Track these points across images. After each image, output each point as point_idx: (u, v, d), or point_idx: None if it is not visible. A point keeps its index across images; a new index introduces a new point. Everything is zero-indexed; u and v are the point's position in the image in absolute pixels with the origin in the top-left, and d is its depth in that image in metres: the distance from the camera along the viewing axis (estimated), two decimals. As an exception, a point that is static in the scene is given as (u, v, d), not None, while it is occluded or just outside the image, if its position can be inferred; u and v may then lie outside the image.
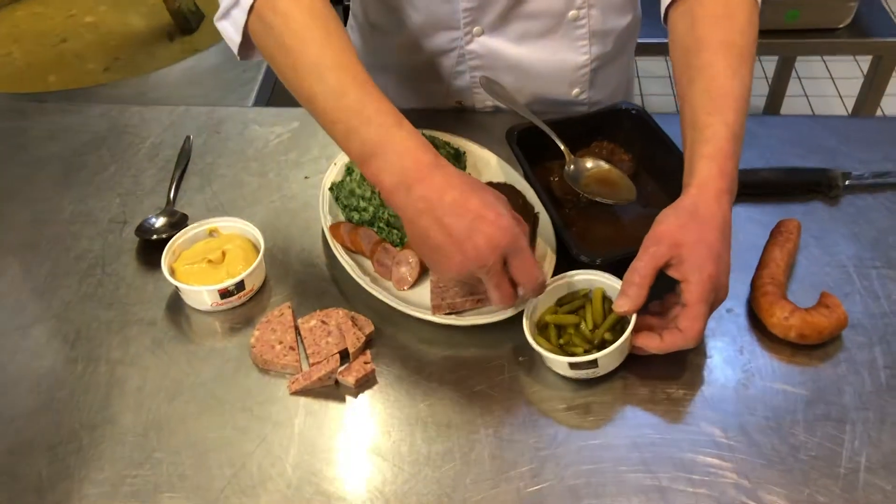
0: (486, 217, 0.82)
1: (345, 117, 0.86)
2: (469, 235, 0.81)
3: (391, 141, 0.84)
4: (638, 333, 0.85)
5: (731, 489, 0.79)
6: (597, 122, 1.12)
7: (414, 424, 0.86)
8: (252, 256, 0.99)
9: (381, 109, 0.86)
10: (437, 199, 0.82)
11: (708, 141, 0.87)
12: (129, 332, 0.96)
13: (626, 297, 0.84)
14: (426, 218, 0.82)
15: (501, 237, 0.82)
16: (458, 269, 0.83)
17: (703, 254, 0.82)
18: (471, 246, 0.81)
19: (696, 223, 0.84)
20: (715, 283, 0.82)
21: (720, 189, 0.85)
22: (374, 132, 0.84)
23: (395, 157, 0.84)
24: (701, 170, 0.86)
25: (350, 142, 0.86)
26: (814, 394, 0.87)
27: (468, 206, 0.82)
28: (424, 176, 0.83)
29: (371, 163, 0.85)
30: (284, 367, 0.90)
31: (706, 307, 0.82)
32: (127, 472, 0.83)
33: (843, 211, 1.07)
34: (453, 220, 0.81)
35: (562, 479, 0.81)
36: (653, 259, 0.84)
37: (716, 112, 0.88)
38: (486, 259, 0.81)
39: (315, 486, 0.81)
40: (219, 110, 1.29)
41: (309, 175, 1.16)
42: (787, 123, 1.22)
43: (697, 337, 0.82)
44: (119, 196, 1.14)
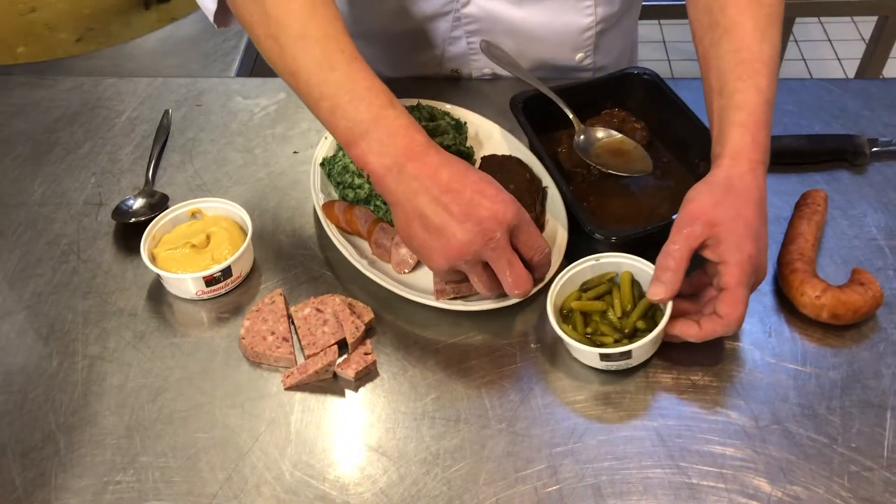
0: (486, 191, 0.77)
1: (331, 94, 0.80)
2: (471, 210, 0.76)
3: (382, 121, 0.78)
4: (673, 321, 0.79)
5: (766, 484, 0.73)
6: (607, 88, 1.05)
7: (420, 420, 0.79)
8: (239, 240, 0.92)
9: (372, 87, 0.80)
10: (433, 177, 0.77)
11: (739, 108, 0.80)
12: (107, 325, 0.89)
13: (660, 284, 0.78)
14: (421, 198, 0.76)
15: (506, 209, 0.77)
16: (460, 250, 0.76)
17: (742, 232, 0.76)
18: (474, 221, 0.75)
19: (731, 199, 0.77)
20: (755, 263, 0.76)
21: (755, 160, 0.79)
22: (363, 111, 0.79)
23: (386, 138, 0.78)
24: (733, 139, 0.80)
25: (336, 120, 0.80)
26: (850, 378, 0.81)
27: (466, 181, 0.77)
28: (417, 155, 0.77)
29: (359, 144, 0.79)
30: (277, 360, 0.83)
31: (747, 290, 0.76)
32: (109, 478, 0.76)
33: (870, 180, 1.01)
34: (452, 197, 0.76)
35: (582, 478, 0.75)
36: (688, 241, 0.77)
37: (746, 76, 0.81)
38: (493, 232, 0.76)
39: (314, 490, 0.75)
40: (199, 82, 1.21)
41: (298, 150, 1.08)
42: (807, 87, 1.15)
43: (739, 323, 0.76)
44: (94, 176, 1.07)
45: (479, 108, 1.07)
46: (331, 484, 0.75)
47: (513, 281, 0.79)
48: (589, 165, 0.97)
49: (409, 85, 1.17)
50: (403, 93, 1.06)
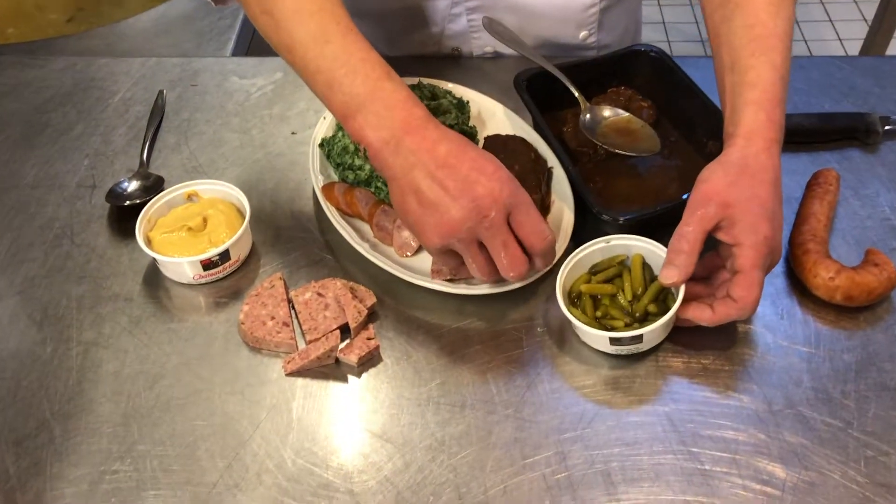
0: (485, 168, 0.75)
1: (327, 67, 0.77)
2: (467, 187, 0.74)
3: (379, 94, 0.76)
4: (686, 305, 0.77)
5: (780, 470, 0.72)
6: (613, 65, 1.02)
7: (425, 406, 0.77)
8: (237, 223, 0.89)
9: (368, 59, 0.78)
10: (430, 151, 0.74)
11: (753, 85, 0.78)
12: (102, 310, 0.86)
13: (673, 267, 0.75)
14: (417, 172, 0.74)
15: (503, 188, 0.74)
16: (453, 228, 0.74)
17: (757, 213, 0.74)
18: (469, 198, 0.73)
19: (746, 179, 0.75)
20: (770, 245, 0.74)
21: (769, 139, 0.77)
22: (360, 84, 0.76)
23: (383, 111, 0.76)
24: (747, 117, 0.77)
25: (333, 94, 0.78)
26: (864, 361, 0.79)
27: (464, 157, 0.75)
28: (415, 129, 0.75)
29: (356, 118, 0.77)
30: (278, 346, 0.81)
31: (762, 273, 0.74)
32: (106, 467, 0.74)
33: (882, 158, 0.99)
34: (448, 172, 0.74)
35: (592, 464, 0.73)
36: (702, 223, 0.75)
37: (760, 52, 0.79)
38: (488, 210, 0.74)
39: (317, 478, 0.73)
40: (194, 61, 1.18)
41: (296, 130, 1.06)
42: (816, 64, 1.12)
43: (754, 306, 0.74)
44: (87, 158, 1.04)
45: (481, 86, 1.05)
46: (334, 472, 0.73)
47: (508, 263, 0.76)
48: (595, 145, 0.95)
49: (409, 64, 1.14)
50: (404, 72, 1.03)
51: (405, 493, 0.71)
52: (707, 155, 0.94)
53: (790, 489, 0.70)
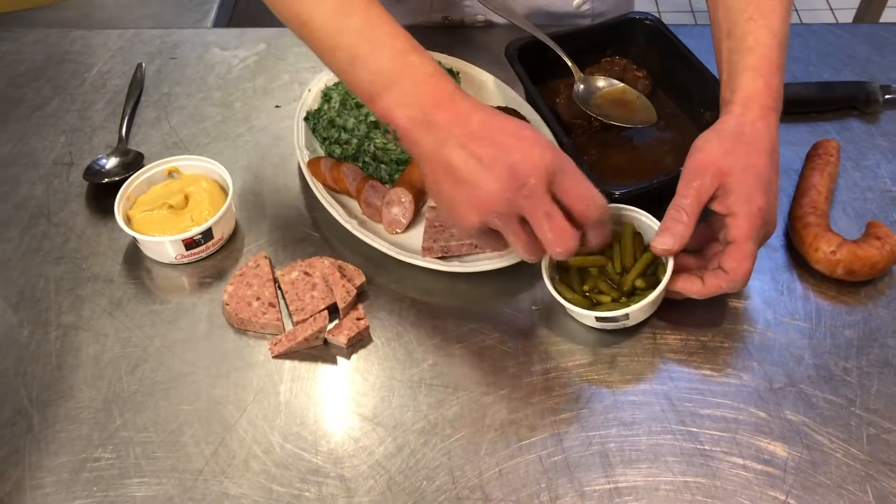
0: (522, 134, 0.69)
1: (349, 43, 0.71)
2: (501, 154, 0.67)
3: (407, 69, 0.70)
4: (676, 277, 0.74)
5: (781, 450, 0.70)
6: (607, 34, 0.99)
7: (416, 388, 0.75)
8: (220, 200, 0.86)
9: (393, 33, 0.72)
10: (462, 124, 0.68)
11: (751, 50, 0.75)
12: (81, 292, 0.83)
13: (669, 235, 0.73)
14: (449, 146, 0.68)
15: (543, 152, 0.67)
16: (490, 201, 0.67)
17: (752, 183, 0.71)
18: (504, 165, 0.66)
19: (742, 148, 0.72)
20: (765, 216, 0.72)
21: (767, 106, 0.74)
22: (385, 60, 0.71)
23: (412, 88, 0.70)
24: (744, 84, 0.75)
25: (356, 72, 0.72)
26: (866, 337, 0.77)
27: (498, 125, 0.69)
28: (446, 104, 0.69)
29: (383, 97, 0.71)
30: (264, 327, 0.79)
31: (755, 245, 0.72)
32: (87, 454, 0.71)
33: (882, 128, 0.96)
34: (481, 142, 0.67)
35: (589, 445, 0.71)
36: (698, 193, 0.72)
37: (758, 16, 0.76)
38: (526, 177, 0.66)
39: (306, 463, 0.71)
40: (174, 33, 1.14)
41: (280, 104, 1.02)
42: (813, 32, 1.09)
43: (745, 278, 0.72)
44: (64, 134, 1.00)
45: (471, 56, 1.02)
46: (324, 457, 0.71)
47: (553, 236, 0.68)
48: (589, 117, 0.92)
49: (396, 34, 1.11)
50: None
51: (397, 477, 0.69)
52: (704, 126, 0.90)
53: (792, 469, 0.69)
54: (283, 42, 1.10)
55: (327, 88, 0.96)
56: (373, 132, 0.92)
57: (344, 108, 0.94)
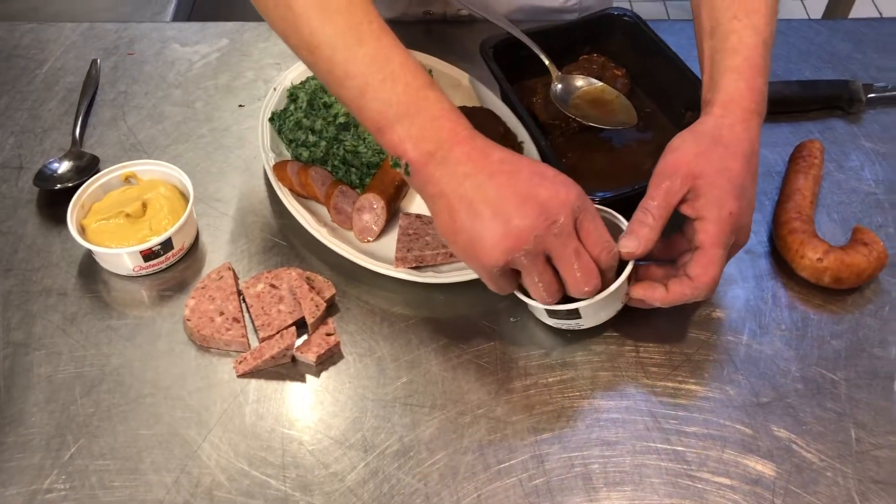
0: (546, 173, 0.67)
1: (360, 72, 0.68)
2: (530, 192, 0.65)
3: (423, 102, 0.67)
4: (638, 283, 0.71)
5: (770, 469, 0.67)
6: (585, 31, 0.96)
7: (390, 407, 0.72)
8: (180, 207, 0.82)
9: (408, 65, 0.68)
10: (483, 160, 0.66)
11: (734, 51, 0.72)
12: (32, 307, 0.79)
13: (633, 237, 0.69)
14: (470, 182, 0.65)
15: (569, 191, 0.66)
16: (519, 238, 0.64)
17: (724, 187, 0.68)
18: (534, 203, 0.64)
19: (718, 150, 0.69)
20: (736, 222, 0.68)
21: (748, 109, 0.71)
22: (400, 92, 0.67)
23: (428, 122, 0.66)
24: (726, 85, 0.72)
25: (366, 102, 0.68)
26: (855, 347, 0.75)
27: (521, 163, 0.67)
28: (464, 139, 0.67)
29: (394, 129, 0.67)
30: (228, 344, 0.75)
31: (723, 251, 0.69)
32: (38, 485, 0.67)
33: (866, 128, 0.94)
34: (506, 179, 0.65)
35: (571, 467, 0.68)
36: (667, 196, 0.69)
37: (743, 16, 0.73)
38: (556, 214, 0.65)
39: (273, 491, 0.67)
40: (131, 27, 1.09)
41: (244, 103, 0.98)
42: (793, 28, 1.07)
43: (711, 287, 0.68)
44: (13, 135, 0.95)
45: (447, 54, 0.98)
46: (292, 483, 0.67)
47: (582, 275, 0.67)
48: (567, 117, 0.89)
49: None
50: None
51: (371, 504, 0.66)
52: (684, 126, 0.88)
53: (781, 490, 0.66)
54: (246, 37, 1.05)
55: (294, 87, 0.92)
56: (342, 134, 0.88)
57: (312, 108, 0.90)
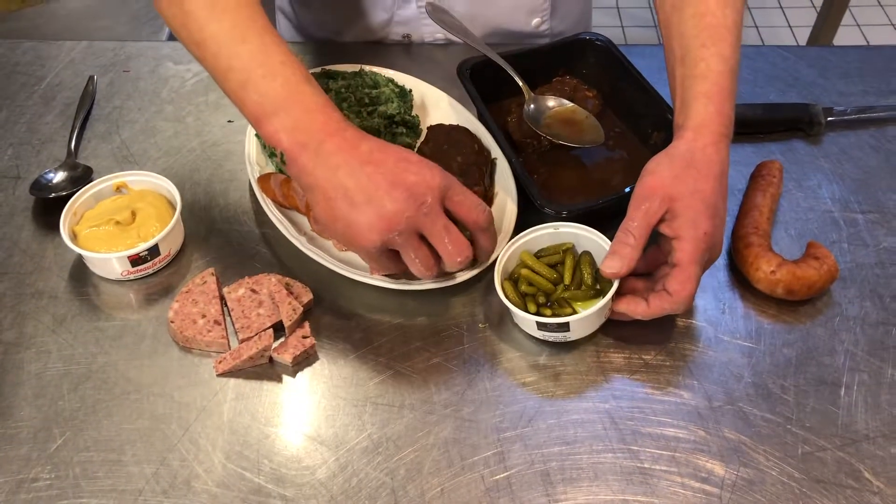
0: (410, 158, 0.73)
1: (242, 67, 0.74)
2: (397, 177, 0.71)
3: (298, 96, 0.73)
4: (620, 298, 0.76)
5: (719, 467, 0.71)
6: (558, 54, 1.00)
7: (362, 406, 0.75)
8: (167, 216, 0.86)
9: (288, 62, 0.75)
10: (353, 150, 0.72)
11: (703, 77, 0.77)
12: (24, 308, 0.82)
13: (617, 258, 0.74)
14: (342, 172, 0.71)
15: (433, 173, 0.73)
16: (391, 221, 0.71)
17: (698, 208, 0.73)
18: (402, 187, 0.71)
19: (691, 173, 0.74)
20: (710, 241, 0.73)
21: (718, 133, 0.76)
22: (278, 86, 0.73)
23: (302, 115, 0.73)
24: (697, 111, 0.77)
25: (246, 95, 0.74)
26: (804, 355, 0.79)
27: (388, 152, 0.73)
28: (335, 131, 0.73)
29: (271, 121, 0.73)
30: (209, 345, 0.78)
31: (699, 268, 0.73)
32: (24, 475, 0.71)
33: (825, 150, 0.99)
34: (376, 167, 0.71)
35: (531, 464, 0.71)
36: (646, 217, 0.74)
37: (710, 43, 0.78)
38: (423, 195, 0.71)
39: (248, 483, 0.70)
40: (127, 46, 1.13)
41: (233, 119, 1.02)
42: (760, 54, 1.12)
43: (688, 301, 0.73)
44: (11, 147, 0.99)
45: (427, 75, 1.02)
46: (266, 476, 0.71)
47: (453, 248, 0.74)
48: (539, 136, 0.93)
49: (355, 51, 1.12)
50: (348, 58, 1.01)
51: (339, 497, 0.69)
52: (651, 146, 0.93)
53: (728, 486, 0.70)
54: (237, 56, 1.09)
55: (279, 104, 0.96)
56: (324, 149, 0.92)
57: (296, 124, 0.94)
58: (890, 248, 0.87)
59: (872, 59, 1.11)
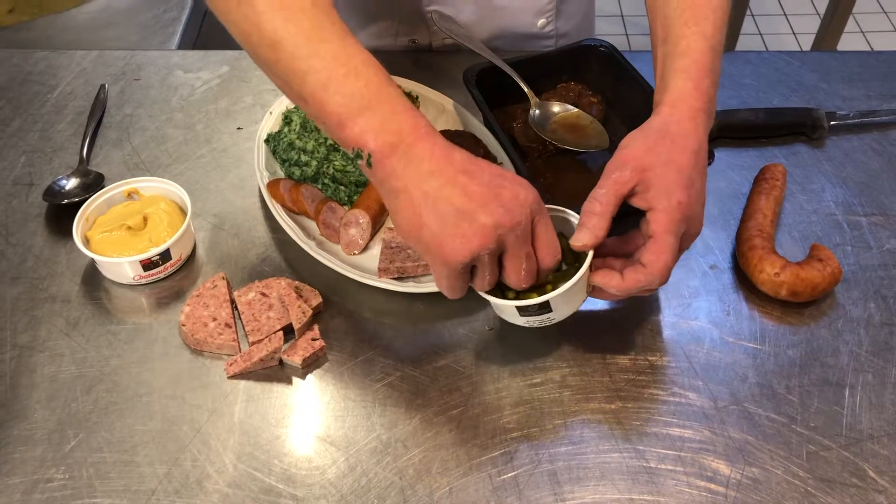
0: (505, 174, 0.69)
1: (323, 67, 0.70)
2: (493, 191, 0.67)
3: (385, 97, 0.69)
4: (597, 270, 0.74)
5: (724, 467, 0.72)
6: (562, 60, 1.02)
7: (370, 407, 0.76)
8: (178, 221, 0.87)
9: (370, 63, 0.71)
10: (446, 158, 0.68)
11: (683, 54, 0.76)
12: (38, 312, 0.84)
13: (584, 229, 0.72)
14: (435, 180, 0.67)
15: (528, 192, 0.68)
16: (485, 237, 0.66)
17: (673, 178, 0.71)
18: (498, 202, 0.66)
19: (665, 144, 0.73)
20: (686, 211, 0.71)
21: (695, 108, 0.74)
22: (363, 86, 0.69)
23: (390, 115, 0.68)
24: (674, 86, 0.76)
25: (328, 96, 0.70)
26: (808, 356, 0.79)
27: (482, 163, 0.69)
28: (424, 135, 0.68)
29: (357, 121, 0.69)
30: (220, 348, 0.79)
31: (674, 239, 0.71)
32: (39, 475, 0.72)
33: (828, 154, 0.99)
34: (471, 178, 0.67)
35: (538, 464, 0.72)
36: (615, 185, 0.72)
37: (692, 23, 0.78)
38: (518, 216, 0.67)
39: (259, 483, 0.71)
40: (137, 55, 1.15)
41: (242, 126, 1.04)
42: (765, 60, 1.13)
43: (664, 273, 0.71)
44: (24, 154, 1.00)
45: (434, 81, 1.04)
46: (277, 476, 0.72)
47: (525, 275, 0.70)
48: (545, 141, 0.94)
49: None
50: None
51: (349, 496, 0.70)
52: (656, 151, 0.94)
53: (734, 485, 0.70)
54: (245, 65, 1.11)
55: (288, 111, 0.98)
56: (332, 155, 0.93)
57: (304, 130, 0.95)
58: (893, 251, 0.88)
59: (875, 63, 1.12)
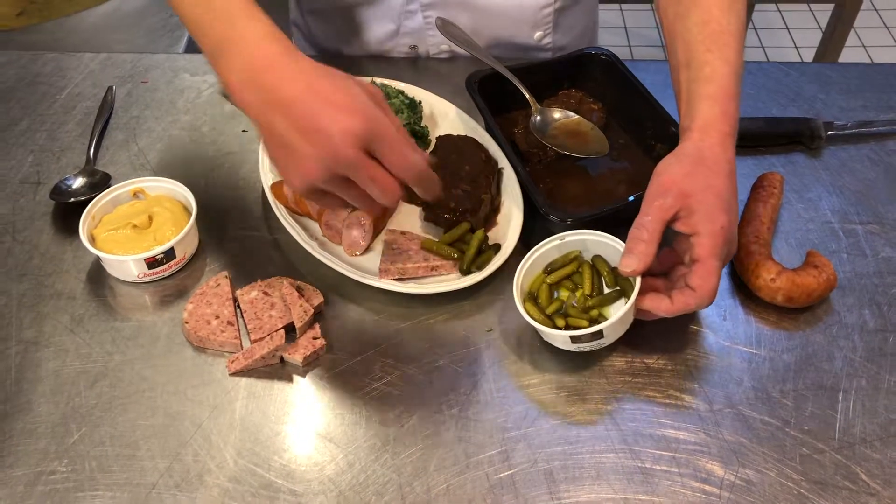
0: (337, 102, 0.68)
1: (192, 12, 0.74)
2: (317, 126, 0.68)
3: (242, 34, 0.72)
4: (644, 295, 0.77)
5: (718, 468, 0.73)
6: (564, 68, 1.03)
7: (370, 405, 0.77)
8: (183, 220, 0.88)
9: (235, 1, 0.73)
10: (286, 89, 0.69)
11: (709, 80, 0.79)
12: (43, 308, 0.85)
13: (632, 256, 0.75)
14: (272, 111, 0.69)
15: (353, 121, 0.67)
16: (308, 169, 0.69)
17: (713, 203, 0.75)
18: (321, 137, 0.67)
19: (702, 170, 0.76)
20: (727, 234, 0.75)
21: (724, 132, 0.78)
22: (220, 26, 0.72)
23: (245, 50, 0.71)
24: (703, 112, 0.79)
25: (201, 41, 0.74)
26: (803, 361, 0.80)
27: (317, 94, 0.69)
28: (272, 65, 0.71)
29: (220, 62, 0.72)
30: (222, 345, 0.80)
31: (719, 262, 0.75)
32: (42, 468, 0.73)
33: (825, 163, 1.01)
34: (299, 109, 0.68)
35: (534, 463, 0.73)
36: (660, 212, 0.75)
37: (715, 48, 0.81)
38: (341, 150, 0.67)
39: (259, 478, 0.72)
40: (145, 57, 1.16)
41: (247, 128, 1.05)
42: (765, 70, 1.14)
43: (711, 295, 0.74)
44: (32, 154, 1.02)
45: (435, 87, 1.05)
46: (276, 472, 0.73)
47: (379, 193, 0.70)
48: (545, 146, 0.95)
49: (364, 63, 1.15)
50: (358, 71, 1.04)
51: (347, 492, 0.71)
52: (654, 157, 0.95)
53: (728, 486, 0.71)
54: (252, 68, 1.13)
55: (293, 114, 0.99)
56: (336, 157, 0.95)
57: (308, 133, 0.96)
58: (888, 259, 0.89)
59: (873, 75, 1.13)
